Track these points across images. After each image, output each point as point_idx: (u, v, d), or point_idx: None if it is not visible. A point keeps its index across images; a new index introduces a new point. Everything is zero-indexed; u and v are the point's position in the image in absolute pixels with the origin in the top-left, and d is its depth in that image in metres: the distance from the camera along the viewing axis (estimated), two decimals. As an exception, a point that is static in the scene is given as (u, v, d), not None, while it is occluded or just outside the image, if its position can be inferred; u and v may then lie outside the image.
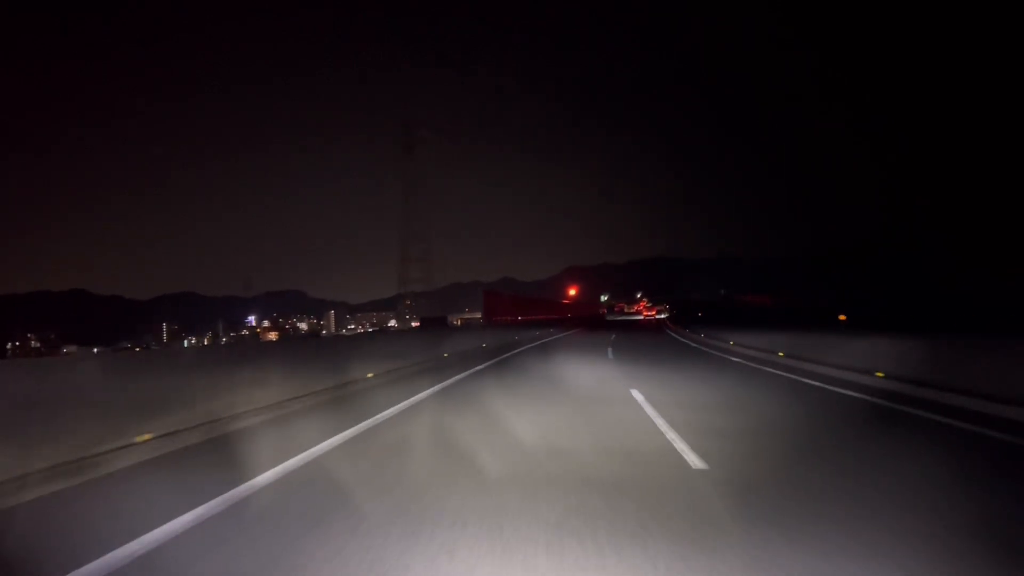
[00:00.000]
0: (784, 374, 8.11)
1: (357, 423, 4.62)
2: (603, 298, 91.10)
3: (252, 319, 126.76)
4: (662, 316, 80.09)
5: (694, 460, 3.40)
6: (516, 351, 14.29)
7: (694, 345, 16.22)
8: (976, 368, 5.69)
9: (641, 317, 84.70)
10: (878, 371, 7.05)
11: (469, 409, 5.37)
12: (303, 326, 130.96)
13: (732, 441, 3.92)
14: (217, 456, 3.65)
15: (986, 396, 5.13)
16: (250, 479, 3.06)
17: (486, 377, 8.12)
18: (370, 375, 7.81)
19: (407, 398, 6.04)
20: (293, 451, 3.65)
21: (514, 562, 2.06)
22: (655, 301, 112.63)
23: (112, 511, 2.67)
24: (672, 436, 4.01)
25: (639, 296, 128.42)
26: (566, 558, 2.09)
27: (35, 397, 3.51)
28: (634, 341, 19.27)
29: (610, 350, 14.03)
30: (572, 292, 76.32)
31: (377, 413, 5.11)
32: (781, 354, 10.56)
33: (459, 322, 40.45)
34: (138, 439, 3.72)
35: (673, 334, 25.02)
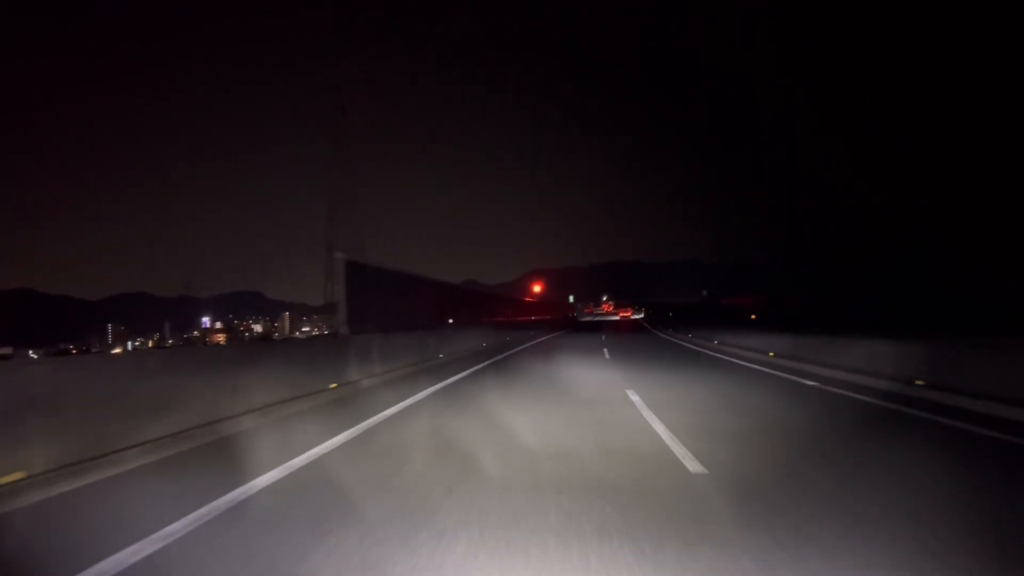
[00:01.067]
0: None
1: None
2: (571, 299, 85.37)
3: (207, 320, 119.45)
4: (637, 317, 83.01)
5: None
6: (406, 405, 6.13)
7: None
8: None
9: (617, 318, 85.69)
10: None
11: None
12: (258, 328, 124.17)
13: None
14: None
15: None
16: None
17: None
18: None
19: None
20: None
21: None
22: (620, 303, 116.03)
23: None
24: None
25: (605, 298, 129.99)
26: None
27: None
28: (670, 363, 11.47)
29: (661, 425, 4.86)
30: (537, 288, 65.74)
31: None
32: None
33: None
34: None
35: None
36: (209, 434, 4.68)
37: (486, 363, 11.71)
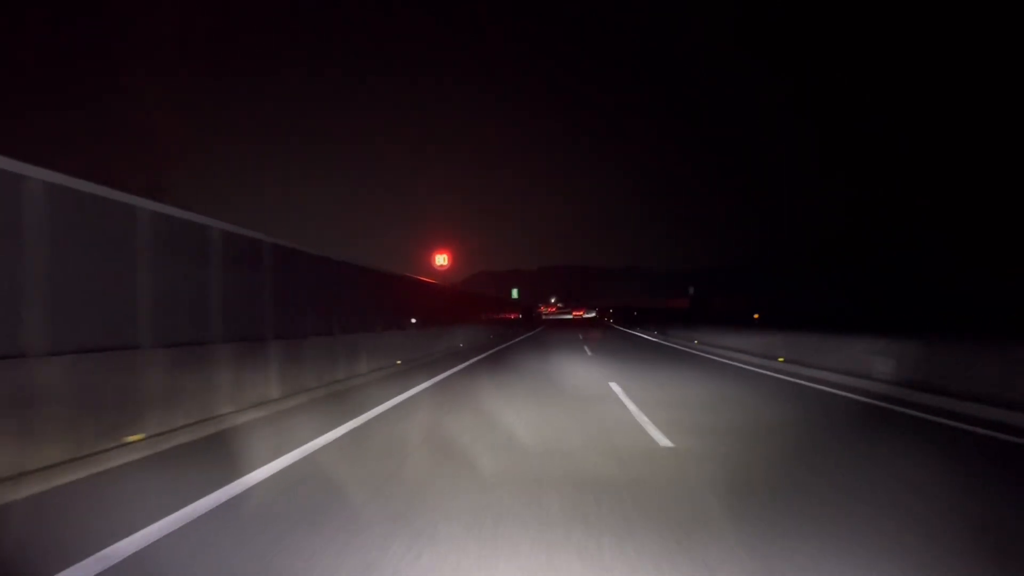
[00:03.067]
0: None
1: None
2: (514, 293, 65.52)
3: None
4: (589, 316, 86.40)
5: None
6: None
7: None
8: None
9: (570, 316, 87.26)
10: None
11: None
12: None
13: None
14: None
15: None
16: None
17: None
18: None
19: None
20: None
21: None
22: (571, 304, 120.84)
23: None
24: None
25: (553, 300, 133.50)
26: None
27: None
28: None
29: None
30: (442, 260, 26.52)
31: None
32: None
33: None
34: None
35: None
36: None
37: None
